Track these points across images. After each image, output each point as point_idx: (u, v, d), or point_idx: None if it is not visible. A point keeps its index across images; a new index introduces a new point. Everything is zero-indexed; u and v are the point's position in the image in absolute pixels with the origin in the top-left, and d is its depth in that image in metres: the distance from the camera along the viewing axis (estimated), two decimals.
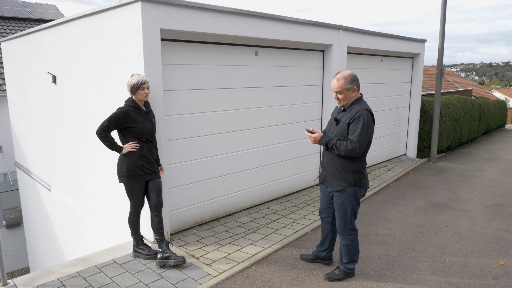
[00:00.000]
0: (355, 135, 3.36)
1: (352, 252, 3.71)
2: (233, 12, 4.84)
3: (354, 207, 3.58)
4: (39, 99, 6.91)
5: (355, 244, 3.70)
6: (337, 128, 3.51)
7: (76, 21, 5.11)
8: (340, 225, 3.63)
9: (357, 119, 3.36)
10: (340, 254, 3.81)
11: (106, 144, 3.77)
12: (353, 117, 3.39)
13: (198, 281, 3.64)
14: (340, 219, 3.61)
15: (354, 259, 3.77)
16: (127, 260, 4.07)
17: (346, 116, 3.46)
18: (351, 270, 3.79)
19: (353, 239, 3.67)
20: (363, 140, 3.35)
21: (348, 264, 3.77)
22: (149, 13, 4.05)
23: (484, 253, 4.55)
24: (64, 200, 6.59)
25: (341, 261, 3.80)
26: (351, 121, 3.39)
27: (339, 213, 3.61)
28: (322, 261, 4.07)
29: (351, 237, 3.65)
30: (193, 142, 4.93)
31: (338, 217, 3.62)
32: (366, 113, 3.39)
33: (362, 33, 7.11)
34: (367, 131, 3.36)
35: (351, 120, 3.39)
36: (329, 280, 3.74)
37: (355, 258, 3.77)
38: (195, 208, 5.05)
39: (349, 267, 3.78)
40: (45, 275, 3.78)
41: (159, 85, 4.25)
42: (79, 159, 5.75)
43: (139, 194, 3.91)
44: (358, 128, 3.35)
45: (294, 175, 6.45)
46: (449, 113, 10.65)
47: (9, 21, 13.19)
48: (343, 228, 3.62)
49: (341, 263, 3.81)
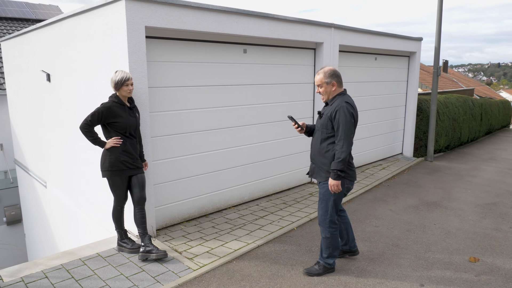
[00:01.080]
0: (338, 137, 3.47)
1: (331, 246, 3.74)
2: (219, 10, 4.88)
3: (336, 199, 3.63)
4: (35, 97, 7.02)
5: (335, 239, 3.74)
6: (320, 121, 3.67)
7: (67, 20, 5.20)
8: (321, 215, 3.69)
9: (337, 113, 3.48)
10: (320, 248, 3.84)
11: (89, 139, 3.84)
12: (333, 110, 3.51)
13: (178, 274, 3.69)
14: (321, 209, 3.68)
15: (333, 254, 3.80)
16: (111, 254, 4.14)
17: (328, 109, 3.59)
18: (330, 265, 3.81)
19: (333, 232, 3.70)
20: (348, 133, 3.46)
21: (328, 259, 3.80)
22: (134, 11, 4.12)
23: (470, 250, 4.54)
24: (58, 196, 6.69)
25: (321, 255, 3.83)
26: (332, 114, 3.51)
27: (320, 204, 3.68)
28: (348, 253, 4.14)
29: (331, 230, 3.69)
30: (180, 139, 4.99)
31: (320, 208, 3.70)
32: (346, 105, 3.49)
33: (354, 31, 7.12)
34: (349, 123, 3.46)
35: (332, 114, 3.51)
36: (308, 275, 3.77)
37: (334, 253, 3.80)
38: (182, 204, 5.10)
39: (328, 262, 3.80)
40: (30, 267, 3.85)
41: (144, 82, 4.31)
42: (71, 156, 5.84)
43: (122, 188, 3.97)
44: (340, 124, 3.45)
45: (284, 173, 6.48)
46: (448, 112, 10.59)
47: (12, 22, 13.39)
48: (323, 219, 3.68)
49: (321, 257, 3.83)
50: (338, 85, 3.61)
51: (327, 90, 3.59)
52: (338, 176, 3.46)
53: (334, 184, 3.49)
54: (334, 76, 3.59)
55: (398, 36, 8.35)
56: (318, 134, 3.69)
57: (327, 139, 3.58)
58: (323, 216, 3.67)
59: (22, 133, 8.31)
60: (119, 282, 3.54)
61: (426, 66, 26.03)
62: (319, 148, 3.65)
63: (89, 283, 3.54)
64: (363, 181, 7.27)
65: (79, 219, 6.03)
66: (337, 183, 3.48)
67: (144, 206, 4.01)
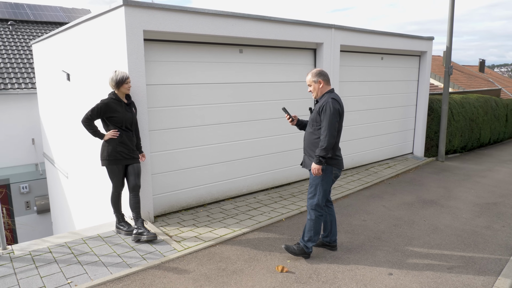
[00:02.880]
0: (323, 127, 3.83)
1: (313, 229, 4.02)
2: (215, 14, 5.24)
3: (324, 184, 3.95)
4: (58, 95, 7.68)
5: (318, 223, 4.02)
6: (311, 116, 4.09)
7: (80, 25, 5.74)
8: (309, 199, 4.02)
9: (324, 107, 3.87)
10: (303, 230, 4.13)
11: (90, 132, 4.31)
12: (321, 105, 3.91)
13: (163, 254, 4.08)
14: (310, 193, 4.02)
15: (313, 239, 4.06)
16: (110, 235, 4.60)
17: (317, 105, 4.00)
18: (308, 249, 4.08)
19: (318, 216, 3.99)
20: (331, 125, 3.79)
21: (308, 242, 4.07)
22: (132, 17, 4.55)
23: (451, 246, 4.63)
24: (77, 186, 7.29)
25: (302, 238, 4.12)
26: (320, 109, 3.90)
27: (309, 188, 4.03)
28: (327, 247, 4.40)
29: (316, 214, 3.98)
30: (177, 132, 5.39)
31: (309, 192, 4.03)
32: (332, 101, 3.87)
33: (357, 31, 7.27)
34: (333, 115, 3.81)
35: (320, 109, 3.91)
36: (286, 250, 4.10)
37: (315, 238, 4.06)
38: (180, 193, 5.51)
39: (307, 245, 4.07)
40: (39, 244, 4.37)
41: (142, 81, 4.74)
42: (86, 149, 6.39)
43: (119, 176, 4.41)
44: (325, 116, 3.83)
45: (283, 168, 6.75)
46: (464, 112, 10.45)
47: (47, 25, 14.41)
48: (310, 203, 4.00)
49: (301, 240, 4.12)
50: (324, 83, 4.01)
51: (315, 87, 4.01)
52: (320, 161, 3.82)
53: (315, 167, 3.85)
54: (321, 75, 4.01)
55: (406, 35, 8.40)
56: (309, 127, 4.08)
57: (316, 132, 3.94)
58: (310, 200, 4.01)
59: (49, 129, 9.05)
60: (111, 258, 3.98)
61: (460, 66, 25.26)
62: (310, 139, 4.03)
63: (85, 258, 4.00)
64: (364, 179, 7.42)
65: (94, 205, 6.58)
66: (318, 167, 3.84)
67: (138, 193, 4.43)
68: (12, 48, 12.54)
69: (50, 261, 3.93)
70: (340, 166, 4.04)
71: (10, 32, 13.27)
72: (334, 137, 3.82)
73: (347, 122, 7.75)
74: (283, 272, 3.84)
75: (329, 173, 3.95)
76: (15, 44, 12.80)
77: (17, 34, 13.33)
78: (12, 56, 12.19)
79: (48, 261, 3.93)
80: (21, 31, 13.58)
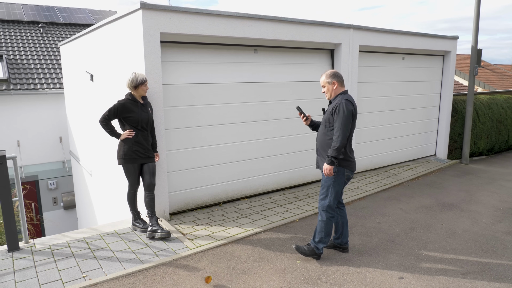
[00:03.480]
0: (336, 128, 3.82)
1: (324, 231, 4.02)
2: (231, 16, 5.31)
3: (336, 186, 3.95)
4: (83, 96, 7.96)
5: (329, 224, 4.02)
6: (324, 117, 4.08)
7: (102, 28, 5.94)
8: (321, 200, 4.02)
9: (337, 108, 3.86)
10: (314, 232, 4.13)
11: (107, 131, 4.46)
12: (334, 106, 3.91)
13: (176, 252, 4.18)
14: (322, 194, 4.02)
15: (324, 240, 4.07)
16: (126, 232, 4.75)
17: (331, 106, 4.00)
18: (318, 250, 4.08)
19: (329, 217, 3.99)
20: (344, 125, 3.79)
21: (318, 243, 4.07)
22: (149, 19, 4.68)
23: (468, 251, 4.52)
24: (100, 184, 7.54)
25: (313, 239, 4.12)
26: (333, 110, 3.90)
27: (322, 189, 4.03)
28: (339, 248, 4.39)
29: (327, 215, 3.98)
30: (193, 131, 5.48)
31: (321, 193, 4.04)
32: (345, 102, 3.86)
33: (376, 31, 7.17)
34: (347, 116, 3.80)
35: (333, 110, 3.91)
36: (296, 250, 4.12)
37: (325, 239, 4.07)
38: (195, 191, 5.61)
39: (318, 246, 4.08)
40: (59, 238, 4.57)
41: (159, 81, 4.87)
42: (107, 148, 6.60)
43: (135, 175, 4.55)
44: (338, 117, 3.83)
45: (299, 168, 6.75)
46: (490, 114, 10.10)
47: (76, 27, 14.93)
48: (322, 204, 4.00)
49: (312, 241, 4.13)
50: (338, 84, 4.00)
51: (329, 88, 4.01)
52: (332, 161, 3.81)
53: (327, 168, 3.85)
54: (335, 76, 4.01)
55: (429, 35, 8.21)
56: (322, 128, 4.08)
57: (329, 132, 3.94)
58: (322, 201, 4.01)
59: (74, 128, 9.39)
60: (125, 254, 4.11)
61: (491, 65, 24.36)
62: (322, 140, 4.03)
63: (101, 253, 4.15)
64: (382, 181, 7.31)
65: (113, 202, 6.79)
66: (330, 167, 3.83)
67: (153, 191, 4.56)
68: (43, 50, 13.07)
69: (68, 255, 4.11)
70: (353, 168, 4.03)
71: (41, 34, 13.83)
72: (346, 138, 3.82)
73: (367, 123, 7.65)
74: (208, 283, 3.59)
75: (341, 174, 3.95)
76: (45, 45, 13.34)
77: (47, 36, 13.88)
78: (42, 57, 12.70)
79: (67, 255, 4.11)
80: (51, 33, 14.13)
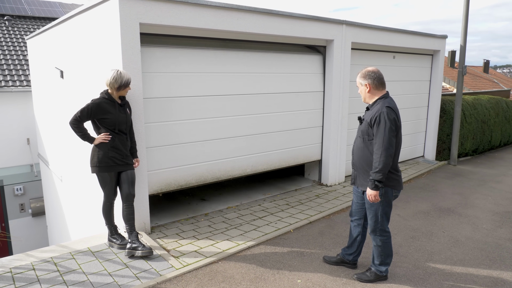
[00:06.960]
0: (377, 145, 3.26)
1: (383, 254, 3.61)
2: (219, 7, 4.82)
3: (384, 208, 3.46)
4: (52, 94, 7.26)
5: (387, 246, 3.59)
6: (360, 127, 3.49)
7: (73, 18, 5.32)
8: (371, 225, 3.55)
9: (377, 118, 3.27)
10: (372, 255, 3.73)
11: (78, 135, 3.89)
12: (373, 116, 3.31)
13: (159, 273, 3.66)
14: (371, 219, 3.53)
15: (386, 262, 3.66)
16: (101, 249, 4.18)
17: (368, 114, 3.40)
18: (382, 272, 3.68)
19: (385, 241, 3.56)
20: (387, 142, 3.23)
21: (380, 266, 3.67)
22: (128, 8, 4.13)
23: (476, 262, 4.22)
24: (71, 190, 6.88)
25: (373, 262, 3.71)
26: (372, 120, 3.31)
27: (369, 213, 3.53)
28: (347, 265, 3.95)
29: (382, 239, 3.54)
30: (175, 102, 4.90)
31: (369, 218, 3.54)
32: (387, 111, 3.26)
33: (369, 28, 6.84)
34: (389, 130, 3.23)
35: (372, 120, 3.31)
36: (359, 281, 3.67)
37: (387, 260, 3.66)
38: (178, 170, 5.02)
39: (380, 269, 3.67)
40: (22, 259, 3.96)
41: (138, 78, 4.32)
42: (80, 152, 5.97)
43: (111, 184, 3.99)
44: (379, 132, 3.25)
45: (291, 147, 6.27)
46: (476, 114, 10.01)
47: (45, 21, 13.98)
48: (373, 229, 3.53)
49: (372, 264, 3.72)
50: (373, 87, 3.39)
51: (361, 91, 3.46)
52: (376, 186, 3.26)
53: (371, 194, 3.31)
54: (368, 77, 3.39)
55: (419, 33, 7.96)
56: (359, 141, 3.50)
57: (369, 146, 3.37)
58: (373, 226, 3.53)
59: (43, 129, 8.64)
60: (100, 278, 3.56)
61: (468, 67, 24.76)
62: (361, 155, 3.48)
63: (71, 277, 3.58)
64: None
65: (87, 213, 6.17)
66: (375, 193, 3.29)
67: (132, 203, 4.01)
68: (8, 44, 12.12)
69: (32, 280, 3.52)
70: (400, 186, 3.47)
71: (6, 28, 12.85)
72: (391, 156, 3.22)
73: (354, 123, 7.32)
74: None
75: (390, 196, 3.42)
76: (11, 40, 12.38)
77: (13, 30, 12.91)
78: (8, 53, 11.77)
79: (30, 280, 3.52)
80: (17, 26, 13.16)
